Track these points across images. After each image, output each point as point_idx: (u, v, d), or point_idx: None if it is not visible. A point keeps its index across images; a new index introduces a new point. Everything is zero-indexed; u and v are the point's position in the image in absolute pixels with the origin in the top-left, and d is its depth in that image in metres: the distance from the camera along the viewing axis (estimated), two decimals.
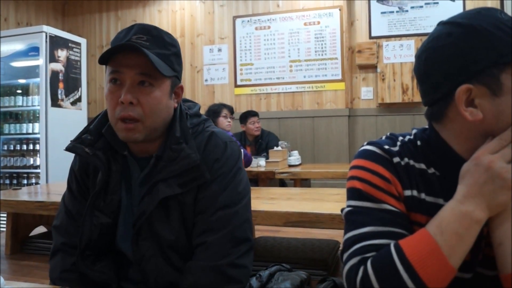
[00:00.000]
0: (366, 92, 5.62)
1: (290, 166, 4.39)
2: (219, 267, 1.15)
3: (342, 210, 0.99)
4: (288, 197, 2.55)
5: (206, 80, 6.21)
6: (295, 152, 4.60)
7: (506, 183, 0.81)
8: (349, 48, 5.64)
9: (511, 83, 0.84)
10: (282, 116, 5.80)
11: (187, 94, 6.27)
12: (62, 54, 5.38)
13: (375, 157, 0.96)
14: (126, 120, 1.16)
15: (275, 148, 4.44)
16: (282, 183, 4.81)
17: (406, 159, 0.96)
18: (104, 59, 1.17)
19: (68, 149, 1.27)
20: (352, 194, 0.95)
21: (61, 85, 5.35)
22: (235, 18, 6.08)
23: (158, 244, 1.23)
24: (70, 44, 5.55)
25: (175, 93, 1.27)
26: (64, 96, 5.40)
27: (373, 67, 5.55)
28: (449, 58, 0.88)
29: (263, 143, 5.10)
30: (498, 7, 5.15)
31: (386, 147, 0.97)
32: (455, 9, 5.22)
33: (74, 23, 7.00)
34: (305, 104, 5.74)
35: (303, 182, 4.33)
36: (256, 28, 5.96)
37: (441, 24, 0.94)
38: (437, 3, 5.39)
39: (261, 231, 3.47)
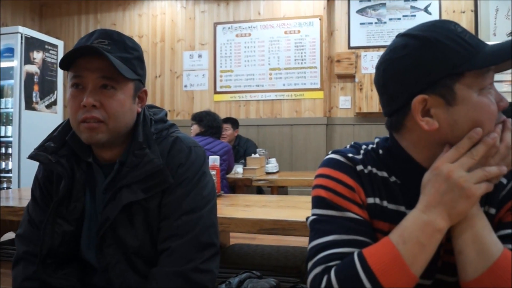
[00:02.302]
0: (344, 101, 5.66)
1: (268, 173, 4.38)
2: (183, 272, 1.15)
3: (307, 218, 0.99)
4: (263, 204, 2.54)
5: (185, 86, 6.19)
6: (273, 160, 4.60)
7: (465, 192, 0.83)
8: (328, 58, 5.69)
9: (464, 93, 0.86)
10: (261, 124, 5.81)
11: (166, 100, 6.25)
12: (38, 56, 5.31)
13: (339, 166, 0.97)
14: (89, 120, 1.14)
15: (253, 155, 4.44)
16: (259, 191, 4.81)
17: (369, 167, 0.98)
18: (65, 64, 1.14)
19: (31, 157, 1.25)
20: (317, 202, 0.96)
21: (36, 87, 5.28)
22: (216, 24, 6.08)
23: (122, 250, 1.21)
24: (46, 46, 5.48)
25: (139, 97, 1.26)
26: (39, 99, 5.32)
27: (352, 77, 5.61)
28: (405, 69, 0.90)
29: (241, 150, 5.09)
30: (472, 21, 5.27)
31: (350, 155, 0.98)
32: None
33: (52, 24, 6.92)
34: (284, 112, 5.76)
35: (280, 189, 4.33)
36: (236, 35, 5.97)
37: (399, 36, 0.96)
38: (414, 15, 5.49)
39: (236, 238, 3.46)
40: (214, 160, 2.81)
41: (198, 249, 1.18)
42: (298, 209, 2.34)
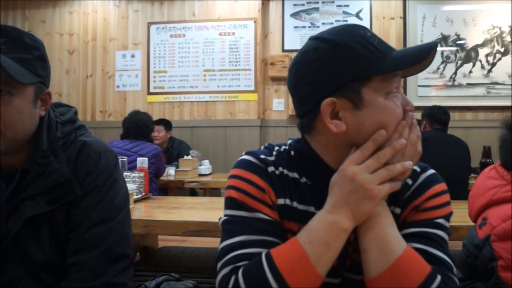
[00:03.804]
0: (277, 104, 5.73)
1: (200, 175, 4.36)
2: None
3: (220, 219, 0.99)
4: (191, 206, 2.53)
5: (118, 86, 6.04)
6: (206, 162, 4.58)
7: (368, 193, 0.85)
8: (263, 60, 5.74)
9: (371, 96, 0.89)
10: (195, 125, 5.77)
11: (97, 100, 6.08)
12: None
13: (251, 167, 0.98)
14: None
15: (186, 157, 4.40)
16: (193, 193, 4.77)
17: (280, 169, 0.99)
18: None
19: None
20: (228, 203, 0.97)
21: None
22: (149, 24, 5.98)
23: (27, 265, 1.13)
24: None
25: (42, 100, 1.15)
26: None
27: (285, 79, 5.63)
28: (315, 72, 0.92)
29: (174, 152, 5.03)
30: (401, 28, 5.48)
31: (262, 156, 0.99)
32: None
33: None
34: (218, 113, 5.75)
35: (213, 191, 4.32)
36: (171, 36, 5.90)
37: (311, 39, 0.97)
38: (346, 20, 5.64)
39: (165, 240, 3.42)
40: (142, 162, 2.77)
41: (110, 262, 1.11)
42: None
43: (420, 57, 0.90)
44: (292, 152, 1.02)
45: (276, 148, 1.04)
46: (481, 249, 1.37)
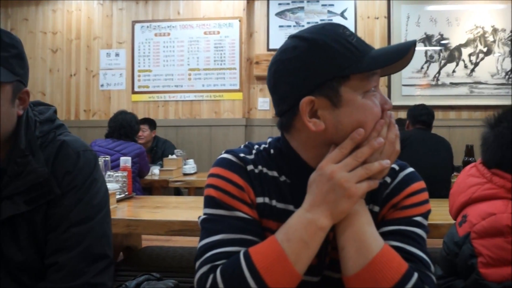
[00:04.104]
0: (262, 103, 5.73)
1: (185, 174, 4.35)
2: None
3: (199, 217, 0.99)
4: (175, 205, 2.52)
5: (102, 85, 5.99)
6: (191, 161, 4.57)
7: (346, 192, 0.85)
8: (248, 59, 5.73)
9: (349, 95, 0.89)
10: (179, 124, 5.74)
11: (81, 99, 6.02)
12: None
13: (230, 165, 0.97)
14: None
15: (170, 156, 4.38)
16: (178, 192, 4.76)
17: (260, 167, 0.99)
18: None
19: None
20: (208, 202, 0.96)
21: None
22: (134, 23, 5.94)
23: (5, 266, 1.12)
24: None
25: (20, 99, 1.13)
26: None
27: None
28: (294, 70, 0.92)
29: (159, 151, 5.01)
30: (385, 27, 5.51)
31: (242, 155, 0.99)
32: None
33: None
34: (203, 113, 5.73)
35: (197, 190, 4.30)
36: (155, 35, 5.86)
37: (290, 37, 0.97)
38: (331, 20, 5.65)
39: (150, 240, 3.40)
40: (125, 162, 2.75)
41: (89, 262, 1.10)
42: None
43: (398, 56, 0.90)
44: (272, 151, 1.02)
45: (256, 146, 1.04)
46: (461, 246, 1.38)
